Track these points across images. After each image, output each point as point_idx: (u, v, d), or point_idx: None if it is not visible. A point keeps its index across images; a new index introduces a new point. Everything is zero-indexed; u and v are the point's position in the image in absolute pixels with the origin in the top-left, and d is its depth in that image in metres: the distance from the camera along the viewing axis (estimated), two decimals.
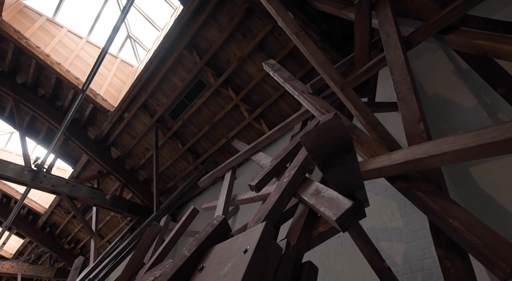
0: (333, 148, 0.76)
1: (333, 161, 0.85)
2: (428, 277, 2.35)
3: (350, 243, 3.40)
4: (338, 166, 0.88)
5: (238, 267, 1.12)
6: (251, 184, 2.03)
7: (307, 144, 0.77)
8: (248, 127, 6.24)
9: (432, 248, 2.42)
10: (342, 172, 0.96)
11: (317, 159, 0.78)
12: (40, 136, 8.14)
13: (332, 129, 0.75)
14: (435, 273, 2.33)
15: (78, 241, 10.74)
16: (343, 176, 1.02)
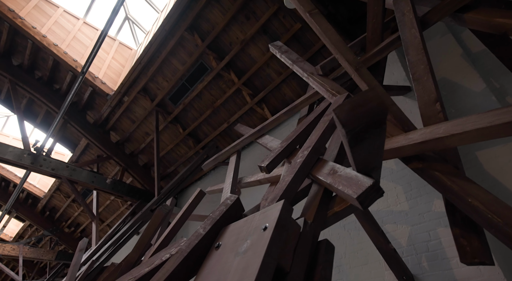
0: (368, 120, 0.74)
1: (364, 135, 0.83)
2: (433, 258, 2.40)
3: (352, 226, 3.44)
4: (367, 141, 0.86)
5: (258, 244, 1.12)
6: (261, 165, 2.02)
7: (340, 116, 0.75)
8: (250, 112, 6.19)
9: (437, 230, 2.46)
10: (369, 148, 0.94)
11: (350, 133, 0.76)
12: (38, 120, 8.05)
13: (367, 102, 0.73)
14: (440, 254, 2.37)
15: (78, 225, 10.82)
16: (368, 153, 1.01)
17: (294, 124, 5.51)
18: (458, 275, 2.21)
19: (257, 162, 5.86)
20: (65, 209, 10.27)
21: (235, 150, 3.48)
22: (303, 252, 1.21)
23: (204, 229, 1.47)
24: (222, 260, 1.24)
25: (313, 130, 1.83)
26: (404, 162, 1.54)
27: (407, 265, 2.51)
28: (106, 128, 7.59)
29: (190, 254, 1.36)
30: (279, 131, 5.61)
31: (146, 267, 1.38)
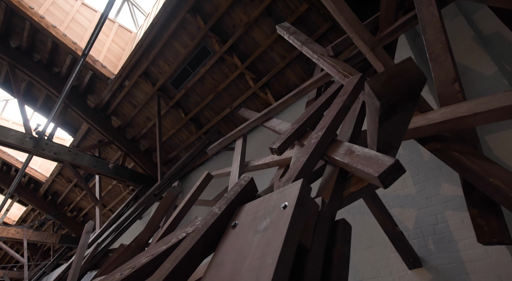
0: (404, 92, 0.71)
1: (395, 109, 0.80)
2: (440, 240, 2.42)
3: (357, 211, 3.46)
4: (397, 116, 0.84)
5: (279, 221, 1.11)
6: (273, 147, 2.00)
7: (375, 88, 0.72)
8: (253, 97, 6.13)
9: (445, 213, 2.47)
10: (397, 124, 0.92)
11: (384, 105, 0.74)
12: (38, 104, 7.97)
13: (405, 72, 0.70)
14: (447, 237, 2.39)
15: (80, 209, 10.91)
16: (394, 129, 0.98)
17: (297, 109, 5.48)
18: (465, 257, 2.24)
19: (260, 147, 5.86)
20: (67, 193, 10.33)
21: (241, 134, 3.45)
22: (323, 230, 1.21)
23: (219, 208, 1.47)
24: (241, 238, 1.24)
25: (327, 111, 1.80)
26: (421, 142, 1.52)
27: (413, 248, 2.54)
28: (107, 113, 7.53)
29: (207, 232, 1.36)
30: (282, 116, 5.57)
31: (163, 245, 1.38)
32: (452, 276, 2.26)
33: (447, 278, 2.27)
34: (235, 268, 1.09)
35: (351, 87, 1.84)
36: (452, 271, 2.27)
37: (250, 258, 1.07)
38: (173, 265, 1.24)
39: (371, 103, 0.81)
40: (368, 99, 0.82)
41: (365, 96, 0.82)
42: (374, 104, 0.77)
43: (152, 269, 1.32)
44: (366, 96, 0.82)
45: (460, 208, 2.41)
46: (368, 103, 0.84)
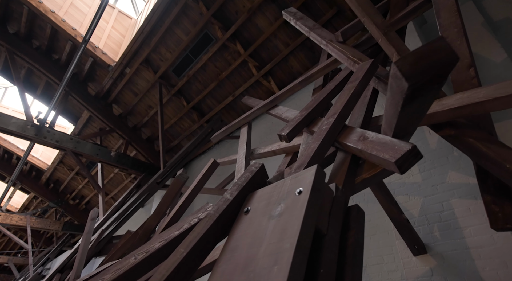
0: (433, 73, 0.69)
1: (420, 92, 0.78)
2: (445, 227, 2.44)
3: (361, 199, 3.48)
4: (421, 99, 0.82)
5: (295, 207, 1.11)
6: (281, 134, 1.99)
7: (403, 68, 0.70)
8: (256, 85, 6.07)
9: (451, 201, 2.48)
10: (418, 107, 0.90)
11: (411, 88, 0.72)
12: (38, 91, 7.90)
13: (435, 52, 0.68)
14: (453, 224, 2.41)
15: (82, 197, 10.98)
16: (415, 114, 0.97)
17: (301, 97, 5.43)
18: (470, 243, 2.26)
19: (263, 136, 5.84)
20: (69, 181, 10.37)
21: (246, 121, 3.43)
22: (337, 216, 1.21)
23: (231, 194, 1.47)
24: (255, 223, 1.24)
25: (337, 97, 1.78)
26: (434, 129, 1.51)
27: (418, 235, 2.56)
28: (108, 101, 7.47)
29: (219, 218, 1.36)
30: (286, 104, 5.54)
31: (175, 230, 1.39)
32: (457, 262, 2.28)
33: (452, 264, 2.29)
34: (250, 253, 1.09)
35: (362, 73, 1.81)
36: (457, 257, 2.29)
37: (266, 243, 1.07)
38: (187, 250, 1.24)
39: (395, 86, 0.79)
40: (392, 81, 0.80)
41: (390, 78, 0.80)
42: (400, 86, 0.75)
43: (165, 253, 1.33)
44: (391, 78, 0.79)
45: (467, 196, 2.42)
46: (392, 86, 0.82)
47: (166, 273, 1.17)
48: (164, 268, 1.19)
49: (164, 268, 1.19)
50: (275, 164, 5.01)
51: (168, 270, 1.18)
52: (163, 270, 1.18)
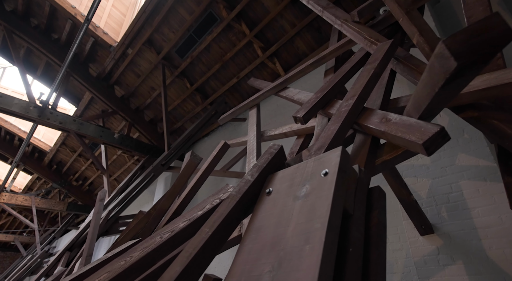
0: (484, 52, 0.68)
1: (465, 71, 0.77)
2: (453, 208, 2.48)
3: None
4: (462, 78, 0.81)
5: (322, 188, 1.12)
6: (297, 116, 1.98)
7: (453, 47, 0.68)
8: (261, 67, 5.99)
9: (460, 182, 2.51)
10: (456, 88, 0.89)
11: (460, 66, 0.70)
12: (39, 72, 7.78)
13: (488, 29, 0.66)
14: (461, 205, 2.45)
15: (85, 179, 11.07)
16: (449, 95, 0.96)
17: (306, 80, 5.37)
18: (478, 223, 2.31)
19: (267, 118, 5.82)
20: (72, 163, 10.41)
21: (254, 103, 3.41)
22: (362, 196, 1.23)
23: (252, 175, 1.48)
24: (279, 204, 1.25)
25: (356, 79, 1.76)
26: (455, 111, 1.50)
27: (426, 215, 2.61)
28: (110, 82, 7.38)
29: (241, 198, 1.38)
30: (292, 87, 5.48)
31: (198, 210, 1.41)
32: (463, 242, 2.34)
33: (459, 244, 2.35)
34: (277, 232, 1.11)
35: (382, 54, 1.78)
36: (464, 236, 2.35)
37: (293, 223, 1.08)
38: (211, 230, 1.27)
39: (439, 66, 0.77)
40: (435, 61, 0.78)
41: (433, 58, 0.79)
42: (445, 66, 0.74)
43: (189, 233, 1.36)
44: (433, 58, 0.78)
45: (476, 178, 2.45)
46: (433, 66, 0.81)
47: (193, 251, 1.20)
48: (190, 247, 1.22)
49: (191, 246, 1.22)
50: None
51: (195, 248, 1.20)
52: (190, 248, 1.21)
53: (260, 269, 1.02)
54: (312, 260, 0.88)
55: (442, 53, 0.72)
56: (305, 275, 0.86)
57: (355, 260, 1.00)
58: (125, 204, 5.90)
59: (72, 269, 4.30)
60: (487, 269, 2.14)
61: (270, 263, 1.01)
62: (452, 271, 2.29)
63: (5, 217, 14.34)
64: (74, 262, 4.42)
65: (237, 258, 1.14)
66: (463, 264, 2.26)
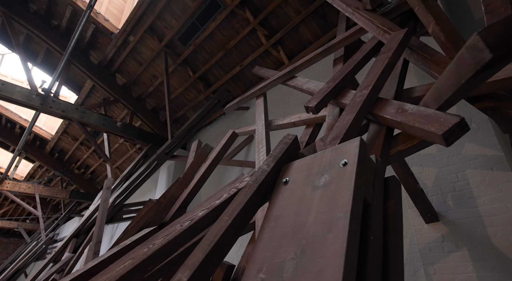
0: None
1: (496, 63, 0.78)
2: (459, 197, 2.52)
3: None
4: (491, 70, 0.81)
5: (342, 178, 1.14)
6: (309, 105, 1.99)
7: (489, 39, 0.69)
8: (264, 55, 5.93)
9: (466, 171, 2.54)
10: (482, 79, 0.90)
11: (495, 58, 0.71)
12: (39, 59, 7.69)
13: None
14: (467, 193, 2.49)
15: (87, 167, 11.11)
16: (473, 85, 0.97)
17: (311, 69, 5.34)
18: (483, 211, 2.35)
19: (270, 107, 5.81)
20: (73, 151, 10.43)
21: (261, 92, 3.40)
22: (379, 186, 1.25)
23: (267, 165, 1.50)
24: (297, 193, 1.27)
25: (370, 69, 1.75)
26: (471, 101, 1.51)
27: (431, 204, 2.66)
28: (111, 70, 7.31)
29: (258, 188, 1.40)
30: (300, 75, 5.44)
31: (216, 199, 1.43)
32: (468, 229, 2.39)
33: (464, 231, 2.40)
34: (298, 221, 1.13)
35: (396, 43, 1.77)
36: (469, 224, 2.40)
37: (314, 212, 1.11)
38: (231, 218, 1.29)
39: (470, 57, 0.78)
40: (466, 52, 0.79)
41: (463, 50, 0.79)
42: (478, 57, 0.74)
43: (208, 221, 1.38)
44: (464, 50, 0.78)
45: (482, 167, 2.47)
46: (463, 57, 0.82)
47: (214, 239, 1.23)
48: (211, 234, 1.25)
49: (211, 234, 1.25)
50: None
51: (216, 236, 1.23)
52: (211, 236, 1.24)
53: (282, 256, 1.05)
54: (337, 248, 0.91)
55: (476, 45, 0.72)
56: (330, 262, 0.89)
57: (376, 248, 1.03)
58: (129, 192, 5.95)
59: (80, 255, 4.38)
60: (491, 255, 2.20)
61: (293, 251, 1.04)
62: (457, 258, 2.35)
63: (8, 204, 14.47)
64: (82, 248, 4.50)
65: (258, 245, 1.17)
66: (467, 251, 2.32)
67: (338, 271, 0.86)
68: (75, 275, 1.22)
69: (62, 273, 4.08)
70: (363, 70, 4.22)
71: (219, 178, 6.41)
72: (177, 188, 2.34)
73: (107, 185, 3.92)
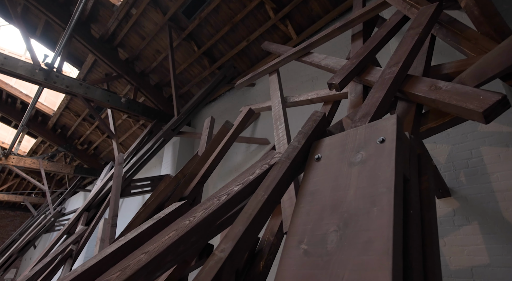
0: None
1: None
2: (472, 173, 2.58)
3: None
4: None
5: (380, 154, 1.17)
6: (332, 82, 1.98)
7: None
8: (272, 30, 5.78)
9: (480, 148, 2.58)
10: None
11: None
12: (38, 32, 7.47)
13: None
14: (480, 170, 2.54)
15: (90, 143, 11.14)
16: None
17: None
18: (496, 187, 2.42)
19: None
20: (76, 127, 10.40)
21: (274, 69, 3.36)
22: (414, 163, 1.28)
23: (298, 142, 1.52)
24: (332, 169, 1.30)
25: (399, 45, 1.73)
26: (503, 78, 1.51)
27: (444, 180, 2.72)
28: (113, 44, 7.13)
29: (291, 164, 1.44)
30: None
31: (249, 175, 1.47)
32: (480, 204, 2.47)
33: (475, 206, 2.49)
34: (336, 196, 1.17)
35: (426, 18, 1.73)
36: (481, 199, 2.47)
37: (354, 187, 1.14)
38: (267, 193, 1.33)
39: None
40: None
41: None
42: None
43: (243, 195, 1.43)
44: None
45: (498, 144, 2.51)
46: None
47: (252, 212, 1.27)
48: (249, 208, 1.29)
49: (249, 208, 1.29)
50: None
51: (254, 209, 1.28)
52: (249, 209, 1.29)
53: (324, 228, 1.09)
54: (384, 221, 0.95)
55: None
56: (378, 234, 0.93)
57: (416, 221, 1.08)
58: (137, 167, 6.02)
59: (94, 228, 4.51)
60: (502, 228, 2.29)
61: (335, 224, 1.08)
62: (467, 231, 2.45)
63: (12, 179, 14.62)
64: (96, 221, 4.62)
65: (295, 219, 1.21)
66: (478, 225, 2.41)
67: (388, 242, 0.90)
68: (120, 244, 1.28)
69: (78, 244, 4.22)
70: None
71: (225, 155, 6.47)
72: (197, 164, 2.38)
73: (119, 161, 3.96)
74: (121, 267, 1.10)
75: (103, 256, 1.23)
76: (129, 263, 1.11)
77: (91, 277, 1.14)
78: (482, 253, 2.29)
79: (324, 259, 1.00)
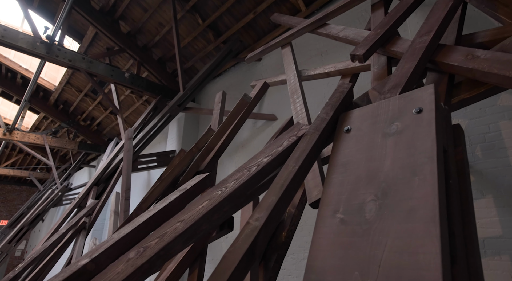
0: None
1: None
2: (489, 148, 2.58)
3: None
4: None
5: (418, 125, 1.14)
6: (355, 54, 1.92)
7: None
8: (280, 2, 5.56)
9: (499, 123, 2.56)
10: None
11: None
12: (35, 3, 7.19)
13: None
14: (497, 144, 2.54)
15: (93, 119, 11.08)
16: None
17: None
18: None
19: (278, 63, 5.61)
20: (78, 103, 10.31)
21: (287, 41, 3.26)
22: (449, 134, 1.27)
23: (326, 114, 1.49)
24: (364, 140, 1.29)
25: (430, 13, 1.66)
26: None
27: None
28: (114, 17, 6.90)
29: (320, 135, 1.42)
30: None
31: (277, 147, 1.45)
32: (496, 178, 2.48)
33: (491, 180, 2.50)
34: (372, 166, 1.16)
35: None
36: (497, 173, 2.49)
37: (390, 157, 1.13)
38: (298, 164, 1.32)
39: None
40: None
41: None
42: None
43: (272, 167, 1.42)
44: None
45: None
46: None
47: (284, 183, 1.27)
48: (280, 179, 1.29)
49: (281, 178, 1.29)
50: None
51: (286, 180, 1.27)
52: (281, 180, 1.28)
53: (360, 198, 1.09)
54: (428, 190, 0.94)
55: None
56: (422, 202, 0.93)
57: (455, 190, 1.08)
58: (144, 143, 6.02)
59: (105, 201, 4.58)
60: None
61: (372, 193, 1.08)
62: (481, 204, 2.48)
63: (16, 154, 14.70)
64: (106, 195, 4.69)
65: (328, 189, 1.21)
66: (492, 198, 2.44)
67: (434, 210, 0.90)
68: (151, 213, 1.29)
69: (90, 217, 4.31)
70: None
71: None
72: (214, 138, 2.36)
73: (129, 136, 3.95)
74: (159, 234, 1.11)
75: (137, 224, 1.24)
76: (166, 231, 1.12)
77: (128, 244, 1.15)
78: (495, 225, 2.33)
79: (363, 227, 1.00)
